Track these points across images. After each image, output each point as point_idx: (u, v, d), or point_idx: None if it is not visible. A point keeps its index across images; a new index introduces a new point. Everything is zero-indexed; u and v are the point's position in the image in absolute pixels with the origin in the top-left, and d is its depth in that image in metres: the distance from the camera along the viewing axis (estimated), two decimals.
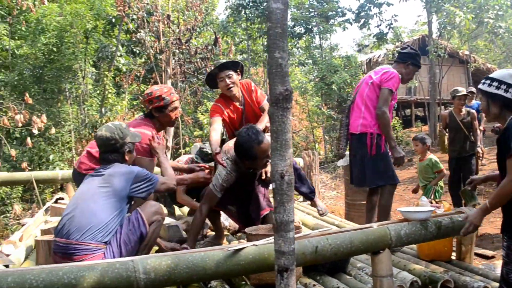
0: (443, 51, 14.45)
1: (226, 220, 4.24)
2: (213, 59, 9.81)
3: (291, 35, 16.75)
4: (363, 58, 19.64)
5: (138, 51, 13.14)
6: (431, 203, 3.83)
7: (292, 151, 1.82)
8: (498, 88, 2.38)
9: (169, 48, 8.86)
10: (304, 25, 16.34)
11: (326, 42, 18.22)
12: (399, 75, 3.96)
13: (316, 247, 2.37)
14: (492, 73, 2.57)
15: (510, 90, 2.36)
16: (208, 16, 14.77)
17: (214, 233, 4.09)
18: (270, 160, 3.55)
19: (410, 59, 4.05)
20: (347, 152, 7.28)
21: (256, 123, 3.73)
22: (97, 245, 2.56)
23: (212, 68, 4.08)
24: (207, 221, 4.03)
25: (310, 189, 4.16)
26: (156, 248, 3.51)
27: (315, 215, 5.44)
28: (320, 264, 2.99)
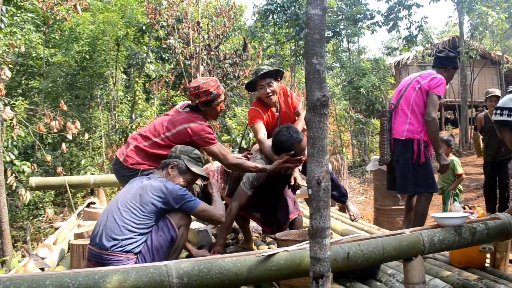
0: (474, 52, 14.13)
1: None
2: (241, 65, 9.86)
3: None
4: (392, 61, 19.36)
5: (167, 57, 13.33)
6: (464, 208, 3.76)
7: None
8: (502, 114, 2.48)
9: (198, 54, 8.97)
10: (332, 28, 16.23)
11: (354, 45, 18.07)
12: None
13: (348, 253, 2.35)
14: None
15: None
16: (236, 21, 14.86)
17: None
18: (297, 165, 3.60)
19: (451, 63, 3.99)
20: (374, 157, 7.24)
21: None
22: (127, 256, 2.61)
23: (253, 74, 4.11)
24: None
25: (342, 193, 4.13)
26: (185, 253, 3.55)
27: (344, 220, 5.40)
28: (350, 270, 2.96)
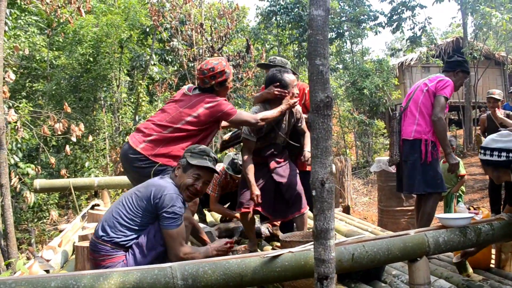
0: (478, 53, 14.08)
1: (262, 227, 4.24)
2: (244, 66, 9.85)
3: None
4: (395, 62, 19.30)
5: (170, 59, 13.34)
6: (469, 209, 3.75)
7: None
8: (485, 154, 2.74)
9: (201, 56, 8.97)
10: (336, 30, 16.21)
11: (357, 46, 18.04)
12: None
13: (352, 255, 2.35)
14: None
15: (494, 153, 2.71)
16: (239, 23, 14.88)
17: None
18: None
19: (459, 67, 4.06)
20: (378, 158, 7.24)
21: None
22: (116, 249, 2.62)
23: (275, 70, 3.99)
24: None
25: None
26: None
27: (348, 222, 5.40)
28: (355, 271, 2.95)
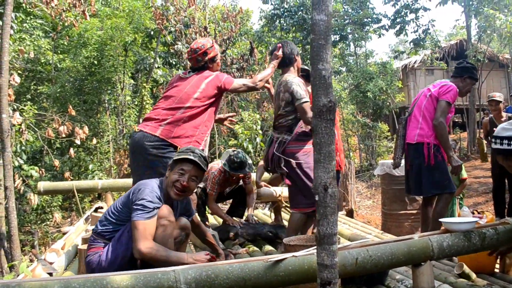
0: (482, 56, 14.03)
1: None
2: (248, 69, 9.85)
3: None
4: (399, 64, 19.27)
5: (174, 62, 13.36)
6: (473, 213, 3.73)
7: None
8: (495, 143, 2.65)
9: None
10: (339, 32, 16.19)
11: (361, 49, 18.00)
12: (457, 88, 4.02)
13: (356, 259, 2.34)
14: None
15: (504, 142, 2.61)
16: (243, 26, 14.89)
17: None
18: None
19: (467, 73, 4.11)
20: (382, 161, 7.22)
21: None
22: (97, 239, 2.70)
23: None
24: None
25: None
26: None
27: (351, 225, 5.38)
28: (358, 275, 2.94)
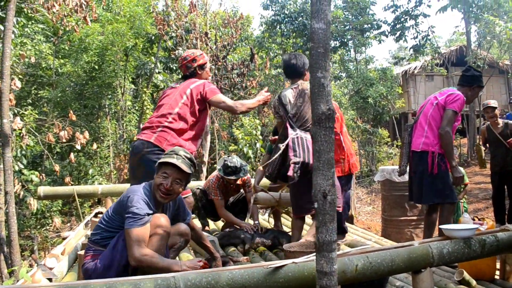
0: (482, 62, 14.07)
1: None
2: (249, 75, 9.88)
3: None
4: (399, 70, 19.30)
5: (175, 67, 13.41)
6: (474, 220, 3.72)
7: None
8: None
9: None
10: (339, 38, 16.24)
11: (361, 55, 18.05)
12: (464, 97, 4.00)
13: (356, 266, 2.34)
14: None
15: None
16: (243, 32, 14.95)
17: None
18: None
19: (476, 83, 4.10)
20: (382, 167, 7.23)
21: None
22: (94, 246, 2.70)
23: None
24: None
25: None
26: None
27: (351, 232, 5.37)
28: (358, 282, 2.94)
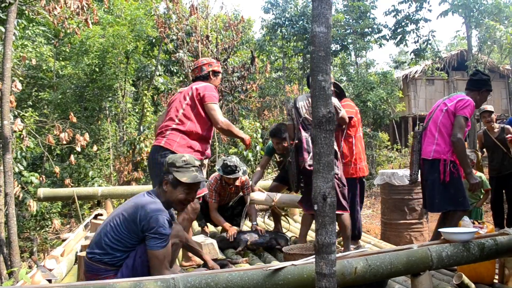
0: (482, 66, 14.10)
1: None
2: (249, 78, 9.89)
3: None
4: (400, 74, 19.33)
5: (176, 70, 13.42)
6: (473, 223, 3.72)
7: None
8: None
9: None
10: (340, 42, 16.28)
11: (362, 59, 18.09)
12: (474, 102, 3.98)
13: (355, 268, 2.34)
14: None
15: None
16: (244, 35, 14.97)
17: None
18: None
19: (484, 86, 4.08)
20: (382, 171, 7.22)
21: None
22: (105, 267, 2.59)
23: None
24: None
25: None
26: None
27: None
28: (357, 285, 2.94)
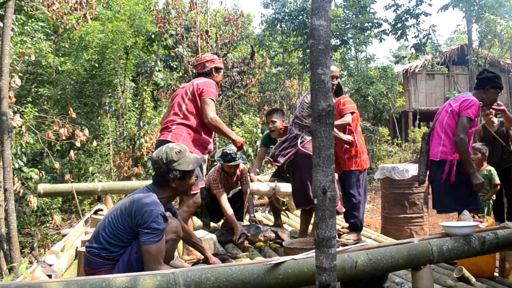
0: (483, 61, 14.06)
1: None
2: (249, 73, 9.88)
3: None
4: (400, 69, 19.29)
5: (175, 65, 13.39)
6: (474, 217, 3.72)
7: None
8: None
9: None
10: (340, 37, 16.25)
11: (362, 53, 18.05)
12: (480, 101, 3.97)
13: (356, 262, 2.34)
14: None
15: None
16: (244, 30, 14.94)
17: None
18: None
19: (488, 84, 4.06)
20: (382, 165, 7.23)
21: None
22: (103, 261, 2.61)
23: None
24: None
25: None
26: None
27: None
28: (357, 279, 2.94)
